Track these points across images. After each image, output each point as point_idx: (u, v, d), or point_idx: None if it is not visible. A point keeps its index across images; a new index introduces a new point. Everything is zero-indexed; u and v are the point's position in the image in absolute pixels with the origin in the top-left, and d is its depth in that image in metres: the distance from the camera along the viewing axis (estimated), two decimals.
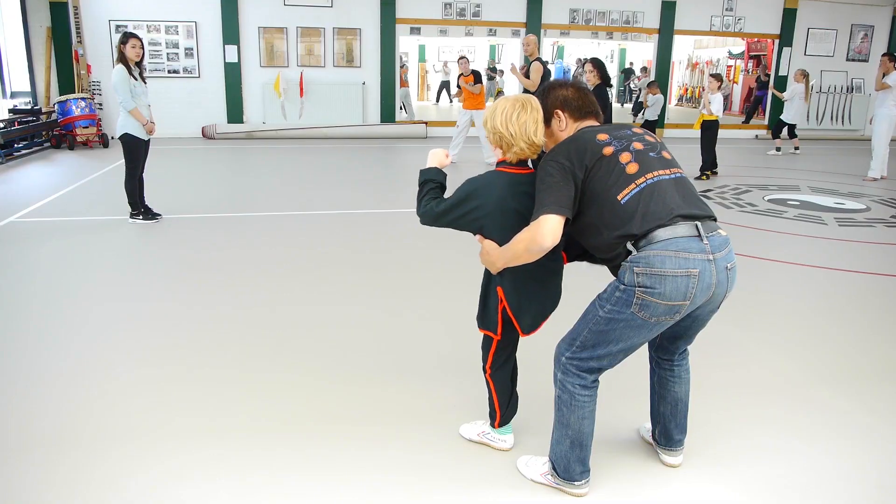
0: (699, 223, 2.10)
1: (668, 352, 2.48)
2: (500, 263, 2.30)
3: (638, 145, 2.21)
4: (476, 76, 9.87)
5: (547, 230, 2.09)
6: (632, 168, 2.15)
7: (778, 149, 12.27)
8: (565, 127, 2.37)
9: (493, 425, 2.63)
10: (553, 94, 2.40)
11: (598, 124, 2.36)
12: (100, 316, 3.98)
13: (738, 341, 3.76)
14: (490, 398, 2.61)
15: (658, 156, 2.22)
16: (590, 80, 7.15)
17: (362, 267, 5.01)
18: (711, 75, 9.65)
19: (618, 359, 2.23)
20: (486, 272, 2.45)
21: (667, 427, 2.54)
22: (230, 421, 2.81)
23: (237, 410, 2.91)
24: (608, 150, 2.17)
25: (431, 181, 2.43)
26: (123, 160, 6.12)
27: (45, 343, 3.58)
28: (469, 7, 13.59)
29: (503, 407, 2.59)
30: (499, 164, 2.37)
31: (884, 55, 9.58)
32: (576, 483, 2.34)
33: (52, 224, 6.18)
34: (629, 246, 2.10)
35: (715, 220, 2.18)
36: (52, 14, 11.85)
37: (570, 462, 2.32)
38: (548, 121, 2.37)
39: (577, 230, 2.26)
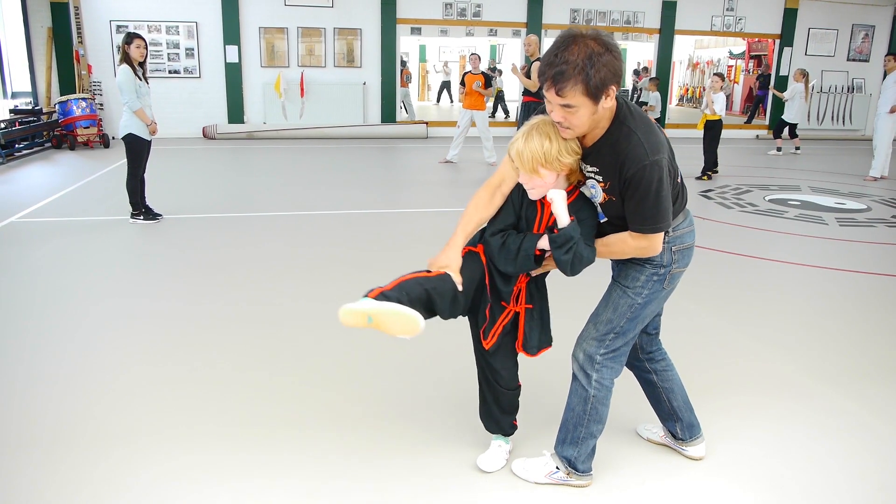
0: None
1: (651, 341, 2.52)
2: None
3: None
4: (486, 79, 9.87)
5: (659, 245, 2.15)
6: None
7: (779, 149, 12.28)
8: (611, 105, 2.03)
9: (508, 434, 2.56)
10: (603, 62, 1.93)
11: None
12: (100, 316, 3.98)
13: (739, 341, 3.75)
14: (512, 412, 2.54)
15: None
16: None
17: (364, 267, 5.01)
18: (715, 74, 9.63)
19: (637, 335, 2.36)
20: (534, 290, 2.33)
21: (688, 419, 2.57)
22: (231, 420, 2.81)
23: (238, 410, 2.90)
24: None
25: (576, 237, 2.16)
26: (125, 160, 6.12)
27: (45, 343, 3.57)
28: (470, 7, 13.59)
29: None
30: (569, 192, 2.20)
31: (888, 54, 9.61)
32: (590, 473, 2.41)
33: (53, 224, 6.18)
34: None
35: None
36: (53, 14, 11.86)
37: (590, 455, 2.38)
38: (597, 98, 1.97)
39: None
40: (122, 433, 2.70)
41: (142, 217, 6.20)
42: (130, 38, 5.91)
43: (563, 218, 2.15)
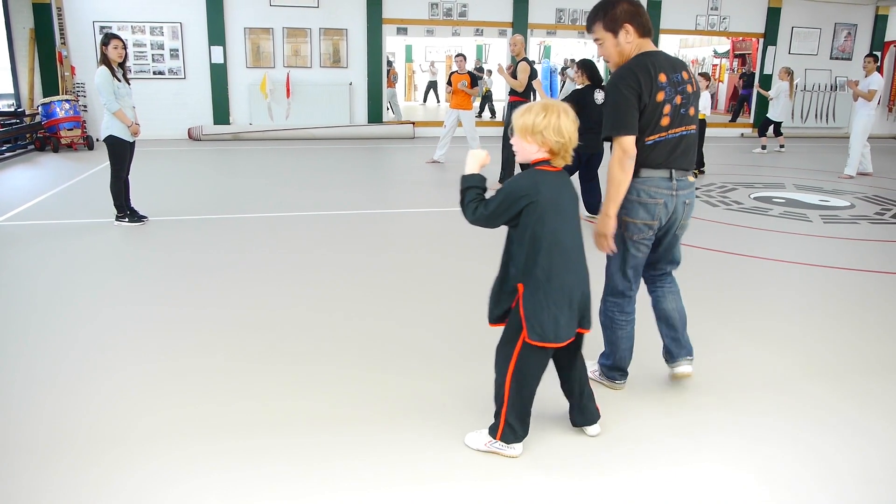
0: (674, 170, 2.78)
1: (653, 277, 3.10)
2: (613, 208, 2.71)
3: (678, 99, 2.73)
4: (472, 78, 9.88)
5: (627, 145, 2.66)
6: (665, 121, 2.71)
7: (763, 147, 12.38)
8: (632, 40, 2.75)
9: (493, 436, 2.55)
10: (619, 7, 2.73)
11: (654, 47, 2.80)
12: (86, 319, 3.94)
13: (726, 337, 3.77)
14: (497, 403, 2.53)
15: (686, 112, 2.77)
16: (577, 81, 6.88)
17: (351, 268, 5.00)
18: (700, 74, 9.68)
19: (628, 277, 2.91)
20: (503, 266, 2.50)
21: (667, 345, 3.13)
22: (221, 421, 2.80)
23: (227, 411, 2.89)
24: (660, 96, 2.68)
25: (474, 188, 2.45)
26: (108, 162, 6.07)
27: (32, 347, 3.54)
28: (455, 7, 13.59)
29: (512, 420, 2.52)
30: (537, 164, 2.42)
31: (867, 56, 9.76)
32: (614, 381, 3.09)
33: (37, 227, 6.12)
34: None
35: (688, 170, 2.85)
36: (35, 15, 11.75)
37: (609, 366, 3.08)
38: (615, 31, 2.74)
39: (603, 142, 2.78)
40: (115, 434, 2.68)
41: (127, 219, 6.15)
42: (108, 38, 5.85)
43: (466, 167, 2.50)
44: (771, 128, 12.34)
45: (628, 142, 2.66)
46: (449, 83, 10.07)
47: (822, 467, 2.55)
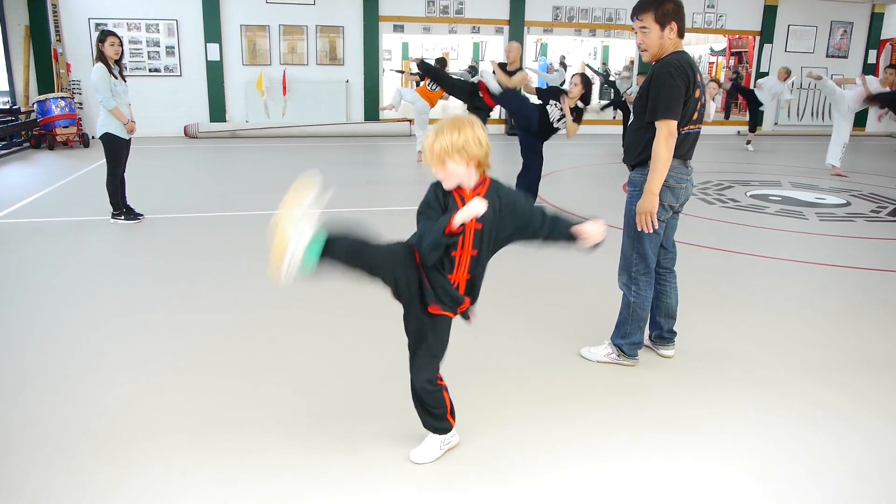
0: (688, 160, 3.17)
1: (662, 273, 3.38)
2: (657, 185, 2.99)
3: (703, 99, 3.11)
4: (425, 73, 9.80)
5: (674, 128, 2.96)
6: (695, 115, 3.09)
7: (748, 142, 12.57)
8: (673, 37, 3.03)
9: (444, 431, 2.56)
10: (670, 4, 2.99)
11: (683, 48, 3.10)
12: (83, 318, 3.93)
13: (721, 335, 3.78)
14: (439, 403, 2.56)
15: (704, 111, 3.16)
16: (573, 92, 6.46)
17: None
18: (712, 80, 9.72)
19: (654, 255, 3.24)
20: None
21: (662, 334, 3.45)
22: (217, 423, 2.79)
23: (224, 413, 2.88)
24: (697, 93, 3.03)
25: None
26: (104, 160, 6.05)
27: (33, 347, 3.53)
28: (452, 4, 13.57)
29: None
30: (480, 184, 2.28)
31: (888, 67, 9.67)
32: (634, 357, 3.35)
33: (33, 225, 6.10)
34: None
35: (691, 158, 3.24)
36: (31, 12, 11.71)
37: (633, 343, 3.32)
38: (663, 25, 3.00)
39: (646, 125, 3.05)
40: (114, 436, 2.67)
41: (123, 217, 6.13)
42: (104, 35, 5.83)
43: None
44: (749, 120, 12.61)
45: (675, 125, 2.97)
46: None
47: (819, 465, 2.56)
